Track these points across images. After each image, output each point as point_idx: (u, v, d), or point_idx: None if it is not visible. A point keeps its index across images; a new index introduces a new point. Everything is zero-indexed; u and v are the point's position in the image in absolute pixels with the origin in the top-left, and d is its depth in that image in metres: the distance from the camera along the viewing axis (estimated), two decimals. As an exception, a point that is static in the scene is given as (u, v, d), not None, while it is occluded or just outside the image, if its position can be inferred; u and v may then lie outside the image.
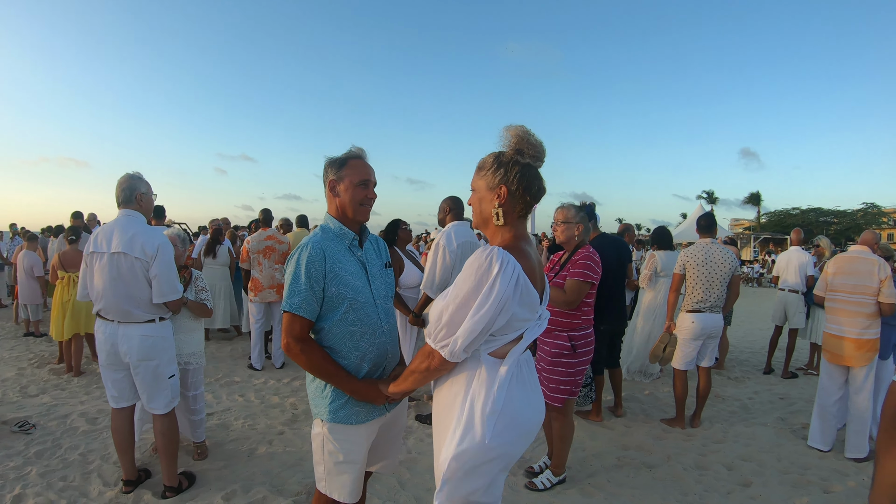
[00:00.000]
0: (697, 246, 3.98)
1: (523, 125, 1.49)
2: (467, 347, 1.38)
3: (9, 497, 2.70)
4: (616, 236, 4.39)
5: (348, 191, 1.73)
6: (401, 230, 4.32)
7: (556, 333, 2.83)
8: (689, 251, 3.96)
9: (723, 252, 3.89)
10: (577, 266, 2.81)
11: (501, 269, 1.34)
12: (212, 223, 7.35)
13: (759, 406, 4.53)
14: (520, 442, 1.48)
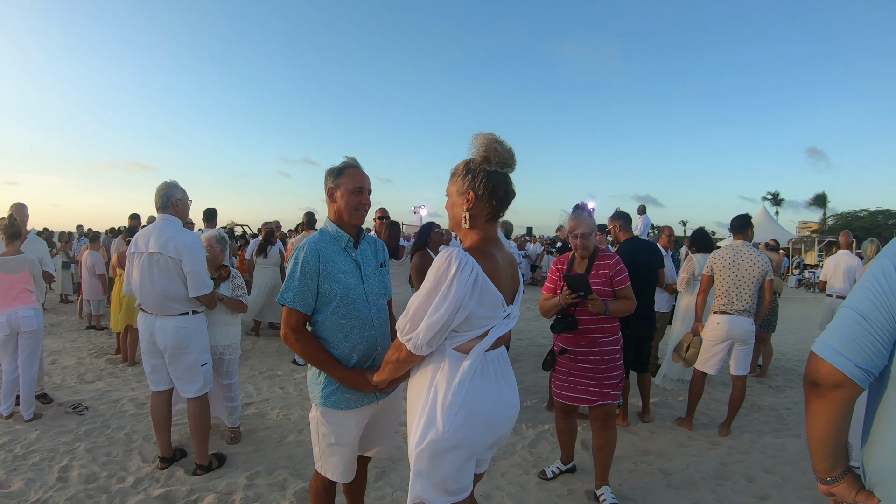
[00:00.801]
0: (727, 248, 3.92)
1: (492, 133, 1.58)
2: (430, 342, 1.49)
3: (56, 467, 3.09)
4: (647, 241, 4.37)
5: (344, 197, 1.92)
6: (433, 233, 4.51)
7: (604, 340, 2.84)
8: (718, 253, 3.91)
9: (753, 255, 3.80)
10: (622, 272, 2.87)
11: (459, 270, 1.44)
12: (264, 225, 7.85)
13: (796, 417, 4.36)
14: (485, 434, 1.55)
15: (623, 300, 2.83)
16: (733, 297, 3.79)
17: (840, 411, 1.10)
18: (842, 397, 1.08)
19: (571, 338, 2.83)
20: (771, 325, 5.64)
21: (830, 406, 1.10)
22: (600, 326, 2.81)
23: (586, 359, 2.80)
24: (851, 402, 1.10)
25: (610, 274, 2.86)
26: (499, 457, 3.42)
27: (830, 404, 1.10)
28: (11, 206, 4.07)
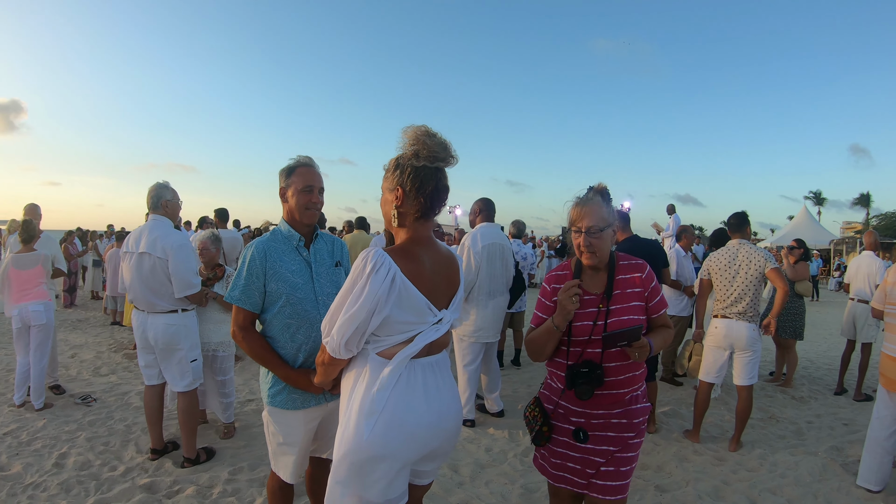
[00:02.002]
0: (724, 249, 3.83)
1: (424, 126, 1.53)
2: (346, 344, 1.45)
3: (55, 454, 3.37)
4: (648, 239, 4.30)
5: (294, 196, 2.00)
6: (434, 232, 4.61)
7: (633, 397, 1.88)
8: (715, 255, 3.83)
9: (750, 252, 3.70)
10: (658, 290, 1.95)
11: (373, 270, 1.41)
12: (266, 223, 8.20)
13: (816, 432, 4.17)
14: (409, 446, 1.49)
15: (662, 330, 1.93)
16: (733, 300, 3.69)
17: None
18: None
19: (589, 402, 1.84)
20: (797, 332, 5.42)
21: None
22: (631, 376, 1.84)
23: (607, 426, 1.84)
24: None
25: (644, 294, 1.89)
26: (487, 464, 3.45)
27: None
28: (25, 206, 4.44)
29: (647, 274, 1.92)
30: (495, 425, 4.14)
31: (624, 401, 1.84)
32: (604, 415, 1.84)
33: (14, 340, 4.19)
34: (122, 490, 2.93)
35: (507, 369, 5.99)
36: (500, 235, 4.22)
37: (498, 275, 4.13)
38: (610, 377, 1.81)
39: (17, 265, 4.08)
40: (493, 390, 4.37)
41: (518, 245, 6.09)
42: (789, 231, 21.27)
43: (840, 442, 3.96)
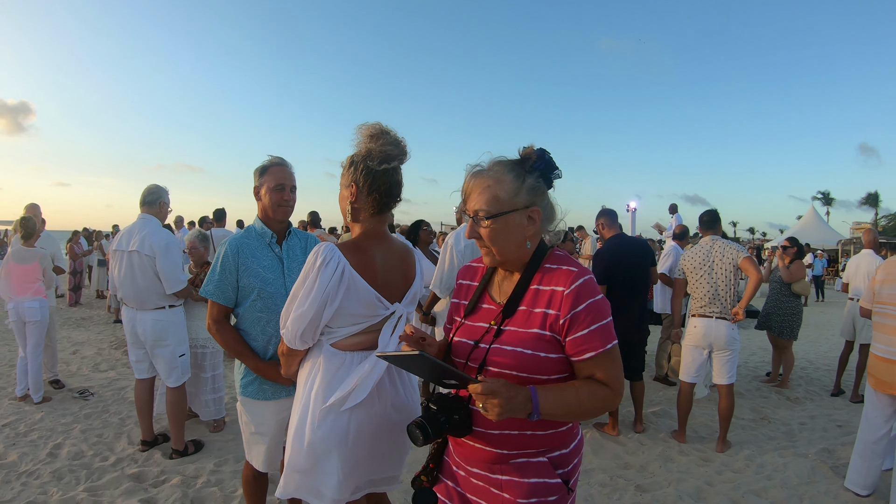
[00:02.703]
0: (697, 247, 3.87)
1: (378, 123, 1.59)
2: (302, 335, 1.53)
3: (50, 444, 3.56)
4: (635, 238, 4.37)
5: (267, 194, 2.13)
6: (421, 231, 4.74)
7: (525, 463, 1.26)
8: (689, 254, 3.88)
9: (723, 247, 3.76)
10: (592, 314, 1.22)
11: (323, 264, 1.48)
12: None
13: (808, 433, 4.19)
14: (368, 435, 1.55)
15: (583, 385, 1.22)
16: (710, 298, 3.74)
17: None
18: None
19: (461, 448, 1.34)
20: (793, 331, 5.43)
21: None
22: (509, 434, 1.25)
23: (479, 492, 1.31)
24: None
25: (557, 320, 1.23)
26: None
27: None
28: (26, 206, 4.66)
29: (573, 291, 1.22)
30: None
31: (508, 464, 1.26)
32: (480, 476, 1.30)
33: (15, 335, 4.41)
34: (111, 479, 3.10)
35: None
36: None
37: None
38: (480, 425, 1.26)
39: (17, 259, 4.31)
40: None
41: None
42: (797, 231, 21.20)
43: (832, 444, 3.97)
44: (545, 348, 1.23)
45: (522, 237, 1.29)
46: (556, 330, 1.23)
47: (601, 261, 4.09)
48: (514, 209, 1.27)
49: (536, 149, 1.30)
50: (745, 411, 4.68)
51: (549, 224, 1.35)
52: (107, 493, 2.96)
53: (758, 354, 7.26)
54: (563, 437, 1.31)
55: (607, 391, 1.23)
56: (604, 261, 4.06)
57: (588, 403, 1.21)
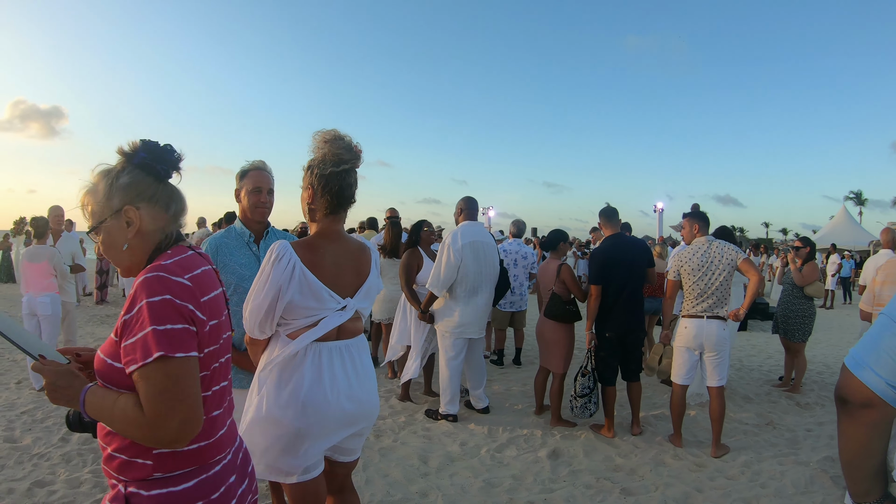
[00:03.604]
0: (693, 247, 3.81)
1: (333, 130, 1.75)
2: (259, 326, 1.67)
3: (64, 430, 3.85)
4: (633, 238, 4.35)
5: (246, 197, 2.32)
6: (423, 231, 4.88)
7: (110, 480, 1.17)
8: (684, 254, 3.81)
9: (722, 247, 3.71)
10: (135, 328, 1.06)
11: (276, 259, 1.63)
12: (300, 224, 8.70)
13: (813, 441, 4.07)
14: (313, 421, 1.66)
15: (128, 402, 1.07)
16: (702, 300, 3.70)
17: (870, 434, 1.00)
18: (872, 419, 0.99)
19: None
20: (804, 334, 5.27)
21: (860, 428, 1.01)
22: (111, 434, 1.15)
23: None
24: (885, 424, 1.00)
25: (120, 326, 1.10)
26: (457, 457, 3.61)
27: (860, 426, 1.01)
28: (50, 207, 5.05)
29: (133, 291, 1.09)
30: (477, 421, 4.31)
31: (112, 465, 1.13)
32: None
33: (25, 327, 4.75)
34: (113, 463, 3.35)
35: (506, 368, 6.13)
36: (482, 233, 4.39)
37: (480, 272, 4.28)
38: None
39: (29, 258, 4.66)
40: (478, 386, 4.54)
41: (518, 245, 6.22)
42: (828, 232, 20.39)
43: (837, 453, 3.84)
44: (116, 356, 1.10)
45: (123, 242, 1.19)
46: (119, 335, 1.11)
47: (595, 260, 4.11)
48: (106, 217, 1.18)
49: (141, 140, 1.22)
50: (752, 416, 4.58)
51: (173, 219, 1.24)
52: (108, 475, 3.20)
53: (774, 357, 7.05)
54: (137, 470, 1.10)
55: (139, 417, 1.03)
56: (597, 260, 4.07)
57: (119, 422, 1.07)
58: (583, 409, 4.10)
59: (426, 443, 3.85)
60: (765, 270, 15.90)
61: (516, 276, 6.07)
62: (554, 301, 4.23)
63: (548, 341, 4.30)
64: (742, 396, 5.12)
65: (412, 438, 3.91)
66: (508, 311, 6.13)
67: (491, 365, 6.20)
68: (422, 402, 4.81)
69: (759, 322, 9.87)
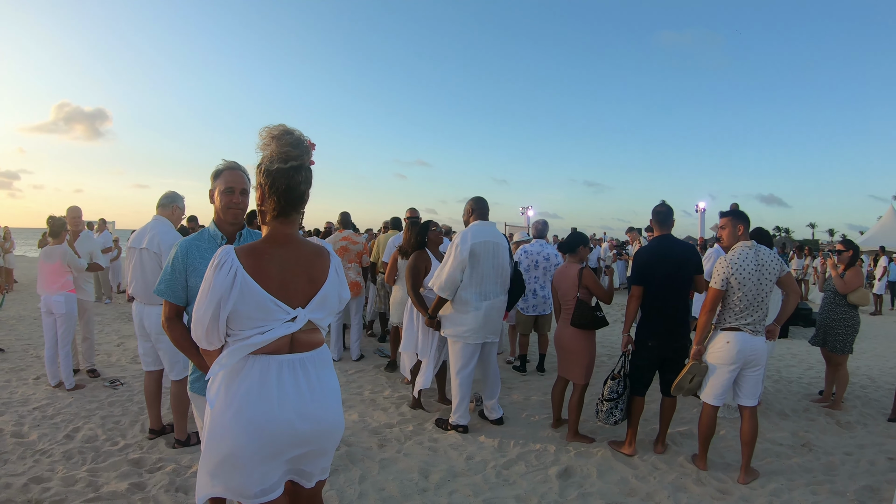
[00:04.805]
0: (743, 252, 3.42)
1: (281, 125, 1.64)
2: (206, 335, 1.59)
3: (70, 427, 3.94)
4: (681, 241, 4.02)
5: (218, 197, 2.25)
6: (430, 232, 4.75)
7: None
8: (735, 260, 3.39)
9: (770, 255, 3.40)
10: None
11: (218, 267, 1.55)
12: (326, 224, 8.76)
13: (852, 466, 3.71)
14: (262, 442, 1.56)
15: None
16: (750, 312, 3.38)
17: None
18: None
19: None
20: (846, 346, 4.87)
21: None
22: None
23: None
24: None
25: None
26: (461, 472, 3.46)
27: None
28: (68, 208, 5.18)
29: None
30: (488, 433, 4.14)
31: None
32: None
33: (44, 326, 4.88)
34: (113, 462, 3.38)
35: (528, 375, 5.92)
36: (493, 234, 4.18)
37: (490, 275, 4.10)
38: None
39: (44, 257, 4.79)
40: (491, 396, 4.36)
41: (541, 246, 6.00)
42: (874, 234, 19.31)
43: (877, 481, 3.49)
44: None
45: None
46: None
47: (638, 259, 3.88)
48: None
49: None
50: (786, 436, 4.24)
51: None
52: (104, 475, 3.23)
53: (815, 368, 6.58)
54: None
55: None
56: (640, 260, 3.85)
57: None
58: (608, 414, 3.86)
59: (430, 455, 3.71)
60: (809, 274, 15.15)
61: (537, 279, 5.87)
62: (581, 309, 3.99)
63: (568, 350, 4.09)
64: (778, 412, 4.77)
65: (417, 450, 3.78)
66: (532, 316, 5.92)
67: (513, 371, 6.02)
68: (434, 409, 4.67)
69: (802, 329, 9.29)
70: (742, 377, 3.46)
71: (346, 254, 6.21)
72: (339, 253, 6.19)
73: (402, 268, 5.21)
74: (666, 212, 3.93)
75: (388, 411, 4.56)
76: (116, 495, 3.02)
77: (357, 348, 6.33)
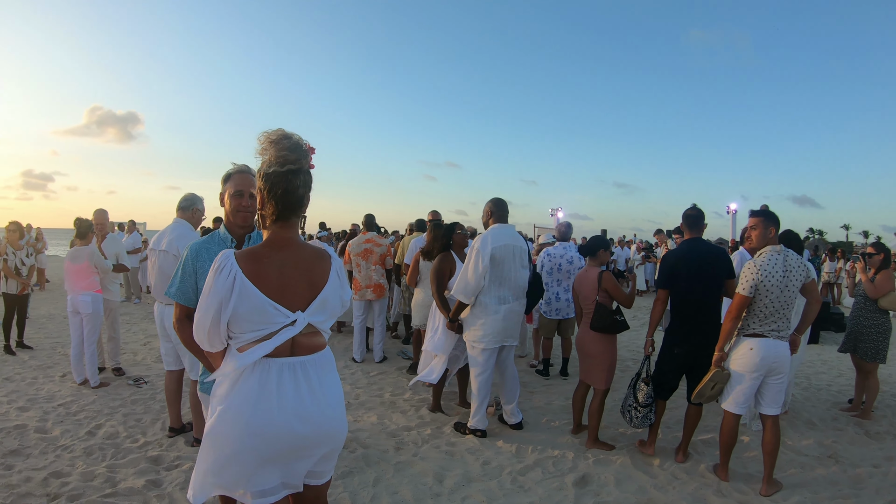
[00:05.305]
0: (771, 257, 3.29)
1: (279, 129, 1.67)
2: (208, 338, 1.61)
3: (92, 424, 4.04)
4: (712, 244, 3.92)
5: (228, 200, 2.27)
6: (455, 234, 4.70)
7: None
8: (765, 265, 3.26)
9: (798, 260, 3.29)
10: None
11: (218, 270, 1.58)
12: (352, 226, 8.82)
13: (879, 481, 3.55)
14: (258, 443, 1.57)
15: None
16: (775, 318, 3.27)
17: None
18: None
19: None
20: (878, 354, 4.68)
21: None
22: None
23: None
24: None
25: None
26: (476, 478, 3.43)
27: None
28: (95, 211, 5.32)
29: None
30: (507, 438, 4.09)
31: None
32: None
33: (70, 325, 5.03)
34: (132, 459, 3.46)
35: (551, 379, 5.85)
36: (513, 237, 4.14)
37: (510, 278, 4.07)
38: None
39: (71, 259, 4.92)
40: (511, 400, 4.31)
41: (564, 249, 5.92)
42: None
43: (906, 497, 3.35)
44: None
45: None
46: None
47: (665, 263, 3.83)
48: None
49: None
50: (812, 446, 4.09)
51: None
52: (122, 471, 3.30)
53: (845, 376, 6.33)
54: None
55: None
56: (668, 263, 3.79)
57: None
58: (644, 419, 3.81)
59: (447, 459, 3.69)
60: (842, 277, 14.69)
61: (560, 282, 5.80)
62: (600, 312, 3.96)
63: (589, 354, 4.04)
64: (805, 421, 4.61)
65: (433, 453, 3.76)
66: (555, 319, 5.85)
67: (536, 375, 5.97)
68: (454, 413, 4.64)
69: (833, 334, 8.97)
70: (765, 385, 3.35)
71: (370, 256, 6.24)
72: (363, 255, 6.22)
73: (424, 270, 5.19)
74: (696, 215, 3.85)
75: (407, 414, 4.55)
76: (133, 492, 3.08)
77: (380, 350, 6.35)
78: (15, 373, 5.43)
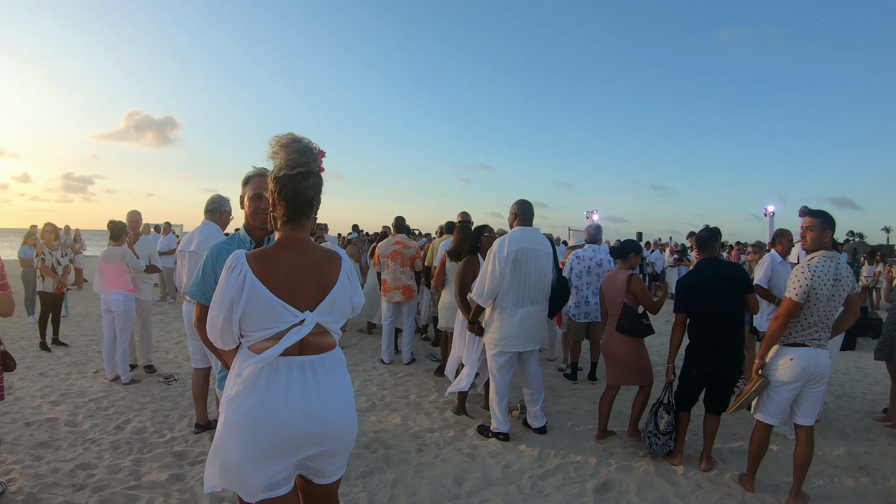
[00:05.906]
0: (824, 262, 3.12)
1: (290, 133, 1.71)
2: (221, 336, 1.65)
3: (121, 419, 4.17)
4: (726, 262, 3.85)
5: (247, 202, 2.33)
6: (483, 237, 4.68)
7: None
8: (819, 270, 3.08)
9: (849, 273, 3.15)
10: None
11: (229, 270, 1.62)
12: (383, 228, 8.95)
13: (915, 497, 3.39)
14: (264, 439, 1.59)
15: None
16: (819, 328, 3.14)
17: None
18: None
19: None
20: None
21: None
22: None
23: None
24: None
25: None
26: (495, 481, 3.40)
27: None
28: (129, 212, 5.49)
29: None
30: (529, 441, 4.04)
31: None
32: None
33: (103, 323, 5.19)
34: (157, 453, 3.55)
35: (579, 383, 5.78)
36: (535, 240, 4.06)
37: (528, 282, 4.01)
38: None
39: (105, 258, 5.09)
40: (535, 403, 4.26)
41: (594, 251, 5.84)
42: None
43: (941, 514, 3.18)
44: None
45: None
46: None
47: (680, 286, 3.77)
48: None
49: None
50: (843, 456, 3.93)
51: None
52: (147, 465, 3.40)
53: (881, 384, 6.09)
54: None
55: None
56: (683, 287, 3.74)
57: None
58: (663, 446, 3.76)
59: (468, 462, 3.67)
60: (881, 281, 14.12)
61: (590, 285, 5.73)
62: (626, 314, 3.94)
63: (616, 357, 4.00)
64: (837, 431, 4.43)
65: (455, 455, 3.75)
66: (584, 323, 5.78)
67: (563, 379, 5.91)
68: (479, 416, 4.61)
69: (871, 340, 8.60)
70: (802, 394, 3.21)
71: (399, 258, 6.26)
72: (392, 257, 6.25)
73: (451, 271, 5.19)
74: (706, 237, 3.82)
75: (431, 416, 4.55)
76: (156, 485, 3.16)
77: (408, 352, 6.37)
78: (49, 368, 5.64)
